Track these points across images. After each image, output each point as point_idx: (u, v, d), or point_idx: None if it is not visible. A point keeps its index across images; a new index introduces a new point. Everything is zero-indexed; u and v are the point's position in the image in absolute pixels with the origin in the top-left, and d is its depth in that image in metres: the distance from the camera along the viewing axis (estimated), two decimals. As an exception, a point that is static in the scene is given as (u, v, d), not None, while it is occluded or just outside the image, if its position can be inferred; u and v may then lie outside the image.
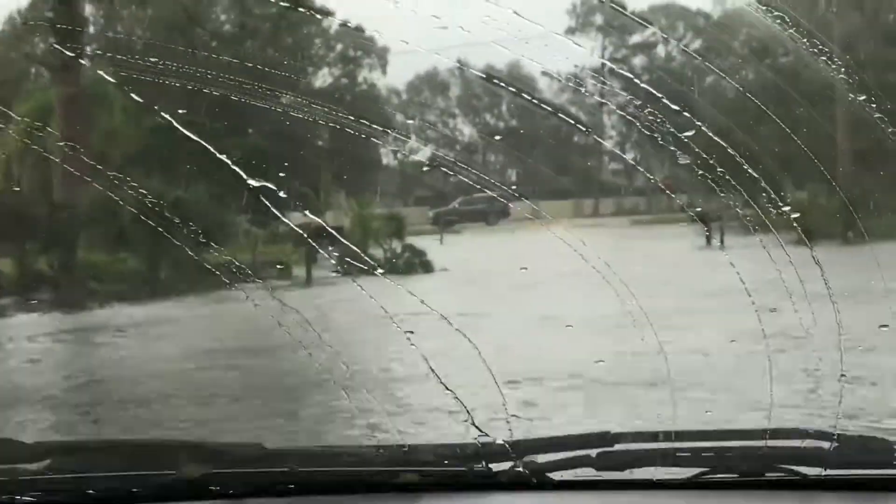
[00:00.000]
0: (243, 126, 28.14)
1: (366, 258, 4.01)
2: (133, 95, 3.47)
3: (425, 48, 3.21)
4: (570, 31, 60.19)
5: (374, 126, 3.33)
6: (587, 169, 57.00)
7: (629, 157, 63.48)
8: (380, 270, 3.54)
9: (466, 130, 64.55)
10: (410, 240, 29.11)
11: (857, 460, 2.27)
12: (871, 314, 4.80)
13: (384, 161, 59.42)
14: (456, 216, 47.25)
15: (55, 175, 24.01)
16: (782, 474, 2.23)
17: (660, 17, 45.44)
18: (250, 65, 5.15)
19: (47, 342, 16.66)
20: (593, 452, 2.25)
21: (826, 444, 2.26)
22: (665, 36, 55.22)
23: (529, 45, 2.94)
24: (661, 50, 58.63)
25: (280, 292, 4.23)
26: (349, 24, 39.12)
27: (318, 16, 46.85)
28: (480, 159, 65.63)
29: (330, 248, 4.30)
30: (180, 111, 3.37)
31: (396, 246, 28.15)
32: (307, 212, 3.50)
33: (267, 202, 2.90)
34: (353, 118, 3.24)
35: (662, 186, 12.79)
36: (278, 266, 23.61)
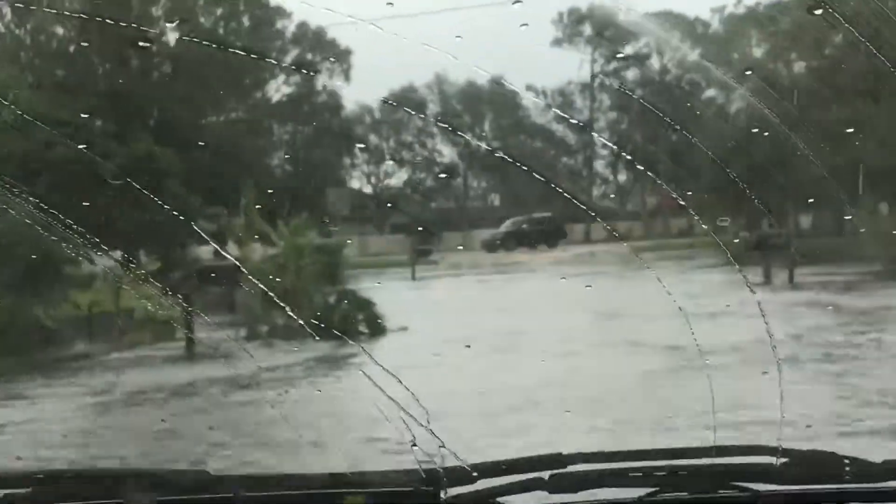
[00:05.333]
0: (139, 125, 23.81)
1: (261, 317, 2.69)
2: None
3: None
4: (557, 42, 59.31)
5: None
6: (576, 192, 55.94)
7: (622, 178, 62.55)
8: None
9: (446, 151, 63.31)
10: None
11: (807, 475, 2.35)
12: None
13: (354, 183, 58.20)
14: (501, 239, 46.31)
15: None
16: (734, 492, 2.31)
17: (654, 27, 44.65)
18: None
19: None
20: (546, 475, 2.31)
21: (773, 460, 2.35)
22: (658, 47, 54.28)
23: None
24: (655, 62, 57.74)
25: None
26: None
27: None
28: (461, 183, 64.45)
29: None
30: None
31: (330, 294, 21.15)
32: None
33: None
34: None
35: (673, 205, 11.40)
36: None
